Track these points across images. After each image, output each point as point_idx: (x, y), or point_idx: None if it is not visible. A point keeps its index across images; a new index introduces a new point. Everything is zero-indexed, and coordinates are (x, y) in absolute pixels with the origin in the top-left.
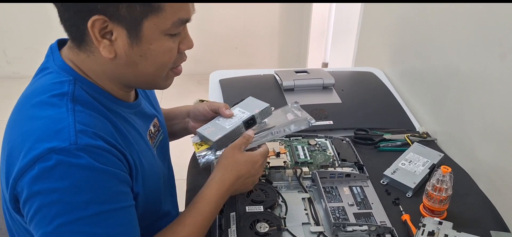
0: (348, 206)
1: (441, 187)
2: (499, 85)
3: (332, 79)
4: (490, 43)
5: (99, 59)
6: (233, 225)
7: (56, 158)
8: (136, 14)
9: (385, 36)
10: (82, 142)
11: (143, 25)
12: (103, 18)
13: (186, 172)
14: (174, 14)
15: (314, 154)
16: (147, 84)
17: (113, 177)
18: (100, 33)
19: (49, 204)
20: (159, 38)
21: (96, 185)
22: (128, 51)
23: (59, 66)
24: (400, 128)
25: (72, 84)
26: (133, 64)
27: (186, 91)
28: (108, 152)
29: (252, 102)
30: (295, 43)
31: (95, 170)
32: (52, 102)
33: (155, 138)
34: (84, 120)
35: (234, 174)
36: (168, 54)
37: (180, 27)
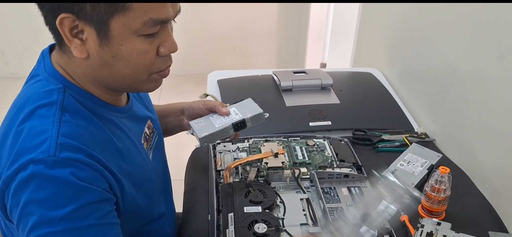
0: (346, 207)
1: (440, 188)
2: (497, 86)
3: (330, 79)
4: (488, 44)
5: (77, 60)
6: (231, 226)
7: (33, 169)
8: (102, 13)
9: (383, 36)
10: (61, 155)
11: (111, 25)
12: (71, 16)
13: (183, 172)
14: (144, 13)
15: (312, 154)
16: (128, 87)
17: (91, 193)
18: (71, 32)
19: (26, 215)
20: (131, 39)
21: (71, 200)
22: (100, 51)
23: (48, 73)
24: (399, 129)
25: (61, 92)
26: (106, 65)
27: (184, 91)
28: (89, 166)
29: (248, 105)
30: (293, 43)
31: (71, 184)
32: (40, 113)
33: (150, 140)
34: (69, 131)
35: None
36: (143, 57)
37: (154, 27)
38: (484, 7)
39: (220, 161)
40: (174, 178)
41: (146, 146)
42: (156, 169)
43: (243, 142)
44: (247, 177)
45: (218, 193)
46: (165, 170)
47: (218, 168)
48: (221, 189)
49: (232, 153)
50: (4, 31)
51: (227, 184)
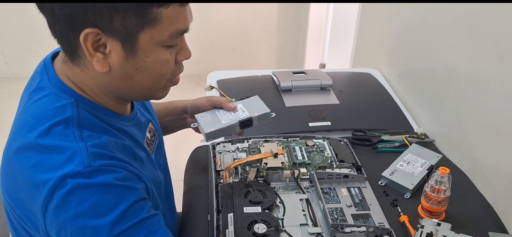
0: (346, 207)
1: (440, 188)
2: (496, 86)
3: (330, 80)
4: (487, 45)
5: (93, 73)
6: (231, 226)
7: (72, 182)
8: (131, 26)
9: (383, 37)
10: (97, 163)
11: (139, 38)
12: (96, 31)
13: (183, 173)
14: (172, 25)
15: (312, 155)
16: (143, 96)
17: (133, 191)
18: (93, 47)
19: (77, 232)
20: (156, 50)
21: (117, 202)
22: (123, 64)
23: (56, 87)
24: (398, 129)
25: (74, 107)
26: (128, 78)
27: (184, 92)
28: (124, 169)
29: (255, 103)
30: (293, 44)
31: (113, 186)
32: (58, 132)
33: (152, 144)
34: (95, 143)
35: None
36: (165, 66)
37: (177, 38)
38: (483, 8)
39: (219, 161)
40: (174, 178)
41: (149, 150)
42: (159, 173)
43: (243, 142)
44: (247, 177)
45: (218, 193)
46: (166, 173)
47: (218, 168)
48: (220, 189)
49: (232, 153)
50: (4, 32)
51: (227, 184)
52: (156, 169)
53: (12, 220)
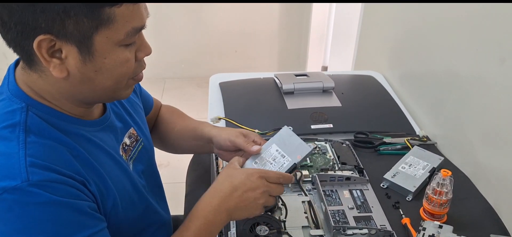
0: (348, 210)
1: (441, 191)
2: (498, 89)
3: (332, 82)
4: (489, 47)
5: (51, 79)
6: (233, 228)
7: (10, 199)
8: (85, 29)
9: (385, 39)
10: (34, 178)
11: (94, 40)
12: (50, 37)
13: (184, 175)
14: (127, 23)
15: (314, 157)
16: (107, 97)
17: (72, 208)
18: (48, 53)
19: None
20: (114, 51)
21: (56, 220)
22: (82, 68)
23: (11, 92)
24: (400, 132)
25: (24, 112)
26: (88, 81)
27: (186, 94)
28: (63, 183)
29: (290, 140)
30: (295, 46)
31: (52, 204)
32: (3, 136)
33: (131, 150)
34: (36, 152)
35: (227, 185)
36: (125, 65)
37: (134, 36)
38: (485, 10)
39: (221, 164)
40: (176, 181)
41: (125, 157)
42: (138, 179)
43: None
44: None
45: None
46: (153, 178)
47: (220, 170)
48: None
49: None
50: None
51: None
52: (127, 176)
53: None
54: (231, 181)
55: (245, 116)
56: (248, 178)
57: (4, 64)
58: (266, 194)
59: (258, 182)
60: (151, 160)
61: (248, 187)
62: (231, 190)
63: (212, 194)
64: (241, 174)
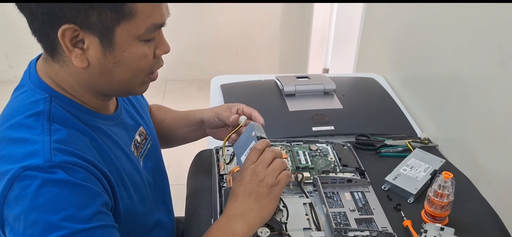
0: (349, 212)
1: (443, 193)
2: (500, 91)
3: (333, 84)
4: (490, 50)
5: (72, 69)
6: None
7: (30, 175)
8: (108, 21)
9: (386, 42)
10: (57, 159)
11: (116, 32)
12: (73, 27)
13: (185, 177)
14: (148, 19)
15: (315, 159)
16: (122, 91)
17: (90, 193)
18: (71, 43)
19: (30, 225)
20: (133, 44)
21: (73, 201)
22: (102, 59)
23: (34, 84)
24: (402, 134)
25: (47, 102)
26: (107, 72)
27: (188, 96)
28: (85, 169)
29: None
30: (296, 49)
31: (71, 184)
32: (28, 124)
33: (142, 147)
34: (61, 138)
35: (237, 182)
36: (143, 60)
37: (154, 32)
38: (486, 12)
39: (223, 165)
40: (177, 182)
41: (136, 154)
42: (147, 176)
43: None
44: None
45: (221, 197)
46: (160, 177)
47: (221, 172)
48: (224, 193)
49: None
50: (9, 35)
51: (230, 188)
52: (138, 172)
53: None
54: (240, 177)
55: None
56: (253, 164)
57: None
58: (266, 171)
59: (264, 163)
60: (159, 158)
61: (258, 175)
62: (241, 186)
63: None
64: (245, 164)
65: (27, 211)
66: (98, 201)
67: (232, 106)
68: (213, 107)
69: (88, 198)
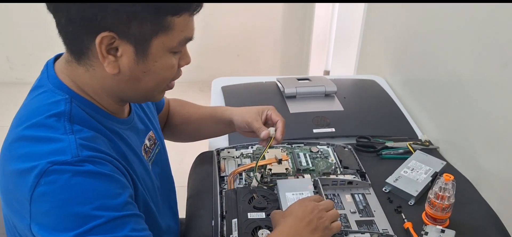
0: (350, 214)
1: (444, 195)
2: (501, 94)
3: (334, 86)
4: (492, 52)
5: (99, 73)
6: (235, 232)
7: (58, 170)
8: (146, 32)
9: (387, 44)
10: (84, 154)
11: (152, 43)
12: (112, 34)
13: (186, 179)
14: (181, 33)
15: (316, 161)
16: (144, 98)
17: (120, 184)
18: (106, 49)
19: (61, 219)
20: (164, 56)
21: (104, 191)
22: (133, 67)
23: (53, 84)
24: (402, 136)
25: (68, 103)
26: (135, 80)
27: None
28: (110, 163)
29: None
30: (297, 51)
31: (101, 175)
32: (49, 124)
33: (151, 152)
34: (85, 136)
35: (297, 206)
36: (170, 71)
37: (184, 45)
38: (487, 14)
39: (224, 167)
40: (178, 184)
41: (146, 158)
42: (155, 180)
43: (247, 148)
44: (251, 183)
45: (222, 199)
46: (167, 182)
47: (222, 174)
48: (225, 195)
49: (236, 159)
50: (10, 37)
51: (231, 190)
52: (150, 177)
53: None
54: (293, 214)
55: None
56: (308, 201)
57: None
58: (323, 212)
59: (312, 205)
60: (166, 163)
61: (308, 212)
62: (296, 220)
63: (280, 230)
64: (300, 203)
65: (59, 205)
66: (127, 191)
67: (262, 112)
68: (243, 111)
69: (118, 188)
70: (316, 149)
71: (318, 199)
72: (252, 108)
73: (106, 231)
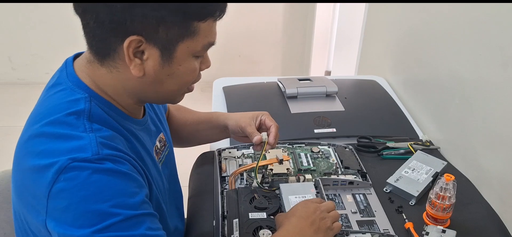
0: (351, 214)
1: (444, 195)
2: (501, 94)
3: (335, 87)
4: (492, 52)
5: (123, 75)
6: (236, 232)
7: (79, 166)
8: (173, 36)
9: (388, 44)
10: (104, 152)
11: (178, 48)
12: (140, 38)
13: (187, 179)
14: (205, 38)
15: (317, 161)
16: (165, 100)
17: (137, 183)
18: (133, 52)
19: (81, 215)
20: (188, 60)
21: (122, 189)
22: (158, 70)
23: (73, 83)
24: (403, 136)
25: (87, 101)
26: (158, 83)
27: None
28: (129, 162)
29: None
30: (298, 51)
31: (120, 173)
32: (69, 122)
33: (161, 153)
34: (104, 135)
35: (299, 207)
36: (192, 74)
37: (207, 50)
38: (488, 15)
39: (225, 167)
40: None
41: (157, 159)
42: (165, 181)
43: (248, 149)
44: (252, 183)
45: (223, 199)
46: (175, 183)
47: (223, 174)
48: (226, 195)
49: (237, 159)
50: (12, 37)
51: (232, 190)
52: (161, 178)
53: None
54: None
55: None
56: (311, 202)
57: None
58: (325, 213)
59: (314, 205)
60: (174, 165)
61: (311, 212)
62: (299, 220)
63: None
64: (302, 204)
65: (77, 201)
66: (143, 191)
67: (256, 117)
68: (237, 117)
69: (135, 187)
70: (317, 149)
71: (320, 201)
72: (247, 113)
73: (123, 229)
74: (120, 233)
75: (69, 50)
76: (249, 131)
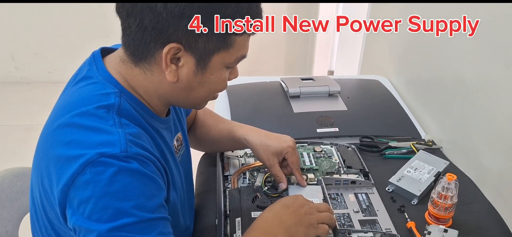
0: (353, 213)
1: (446, 195)
2: (504, 94)
3: (338, 86)
4: (495, 52)
5: (156, 78)
6: (239, 231)
7: (107, 162)
8: (211, 47)
9: (390, 44)
10: (132, 151)
11: (213, 58)
12: (179, 46)
13: None
14: (239, 51)
15: (320, 160)
16: (192, 105)
17: (158, 186)
18: (171, 59)
19: (100, 209)
20: (221, 70)
21: (144, 191)
22: (191, 77)
23: (104, 77)
24: (406, 136)
25: (118, 96)
26: (190, 89)
27: None
28: (153, 163)
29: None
30: (301, 51)
31: (144, 175)
32: (99, 114)
33: (177, 152)
34: (133, 132)
35: (290, 198)
36: (222, 84)
37: (239, 62)
38: (490, 15)
39: (227, 166)
40: None
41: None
42: (182, 180)
43: None
44: (255, 182)
45: (226, 198)
46: (189, 182)
47: (226, 173)
48: (228, 194)
49: (240, 158)
50: (15, 36)
51: (235, 189)
52: (180, 176)
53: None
54: (282, 202)
55: (252, 120)
56: (302, 198)
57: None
58: (314, 210)
59: (304, 200)
60: (189, 164)
61: (297, 205)
62: (283, 207)
63: (268, 210)
64: (293, 197)
65: (99, 196)
66: (162, 194)
67: (280, 153)
68: (261, 142)
69: (156, 190)
70: (319, 148)
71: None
72: (270, 145)
73: (136, 231)
74: (132, 234)
75: (72, 49)
76: (273, 172)
